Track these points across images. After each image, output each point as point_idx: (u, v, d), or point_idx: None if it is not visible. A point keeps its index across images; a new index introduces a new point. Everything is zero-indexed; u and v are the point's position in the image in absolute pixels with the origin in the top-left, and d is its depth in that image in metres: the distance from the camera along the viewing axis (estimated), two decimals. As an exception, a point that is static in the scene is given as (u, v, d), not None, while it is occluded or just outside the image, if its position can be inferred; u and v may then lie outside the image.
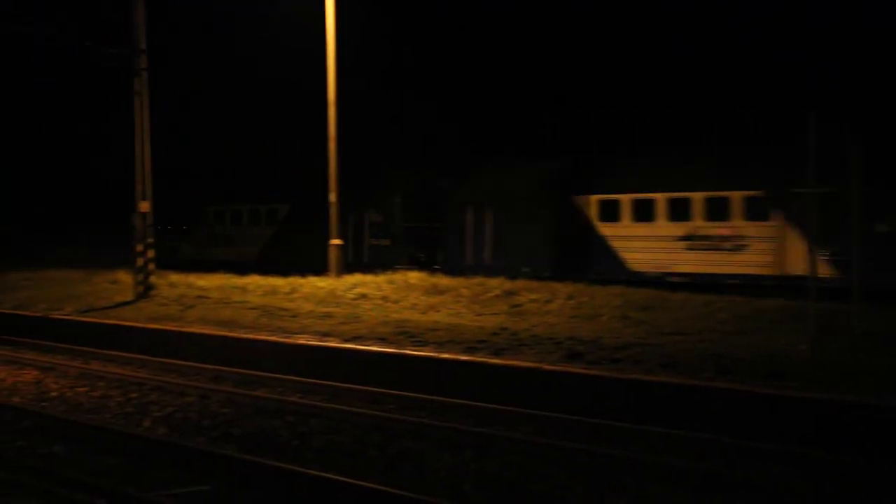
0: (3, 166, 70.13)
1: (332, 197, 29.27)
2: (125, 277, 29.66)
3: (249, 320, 22.18)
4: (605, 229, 30.75)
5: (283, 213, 40.73)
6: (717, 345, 16.54)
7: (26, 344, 23.22)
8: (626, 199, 30.41)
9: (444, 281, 26.33)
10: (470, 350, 17.21)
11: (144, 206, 27.10)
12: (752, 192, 27.91)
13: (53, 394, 17.13)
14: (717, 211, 28.54)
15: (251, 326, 21.50)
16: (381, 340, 18.63)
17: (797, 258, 25.90)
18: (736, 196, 28.25)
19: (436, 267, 32.84)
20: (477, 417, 14.48)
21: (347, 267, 30.83)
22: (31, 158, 71.84)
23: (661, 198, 29.63)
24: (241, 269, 34.58)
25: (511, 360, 16.15)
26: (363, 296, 24.74)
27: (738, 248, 28.09)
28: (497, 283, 25.18)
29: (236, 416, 15.03)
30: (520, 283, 25.11)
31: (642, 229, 29.96)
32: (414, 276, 27.13)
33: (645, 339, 17.52)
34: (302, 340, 19.35)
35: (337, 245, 29.16)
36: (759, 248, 27.67)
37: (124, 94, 27.89)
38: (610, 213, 30.78)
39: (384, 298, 24.28)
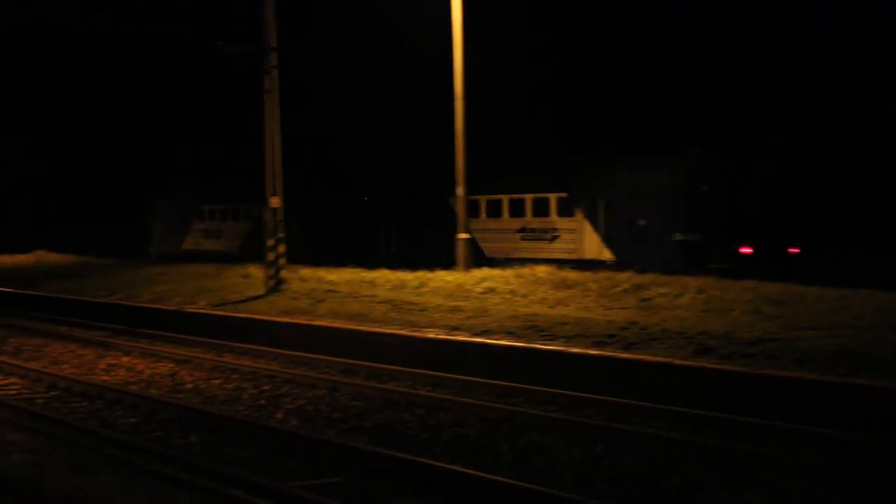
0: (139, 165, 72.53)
1: (460, 191, 29.26)
2: (256, 272, 30.11)
3: (379, 314, 22.33)
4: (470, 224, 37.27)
5: (255, 211, 43.97)
6: (853, 340, 16.08)
7: (162, 337, 23.70)
8: (482, 199, 37.99)
9: (572, 275, 26.13)
10: (599, 344, 17.08)
11: (275, 202, 27.46)
12: (562, 194, 36.11)
13: (188, 386, 17.49)
14: (540, 209, 36.72)
15: (380, 320, 21.65)
16: (510, 335, 18.60)
17: (591, 245, 35.06)
18: (552, 197, 36.30)
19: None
20: (607, 412, 14.35)
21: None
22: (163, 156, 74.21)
23: (505, 199, 37.92)
24: (227, 259, 41.76)
25: (641, 355, 15.99)
26: (491, 290, 24.68)
27: (553, 239, 36.11)
28: (626, 277, 24.90)
29: (366, 408, 15.15)
30: (649, 277, 24.81)
31: (493, 224, 38.18)
32: (542, 271, 26.96)
33: (778, 334, 17.12)
34: (431, 334, 19.42)
35: (464, 239, 29.13)
36: (567, 238, 35.72)
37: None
38: (473, 211, 35.95)
39: (512, 293, 24.19)
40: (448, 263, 29.61)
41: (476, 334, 18.93)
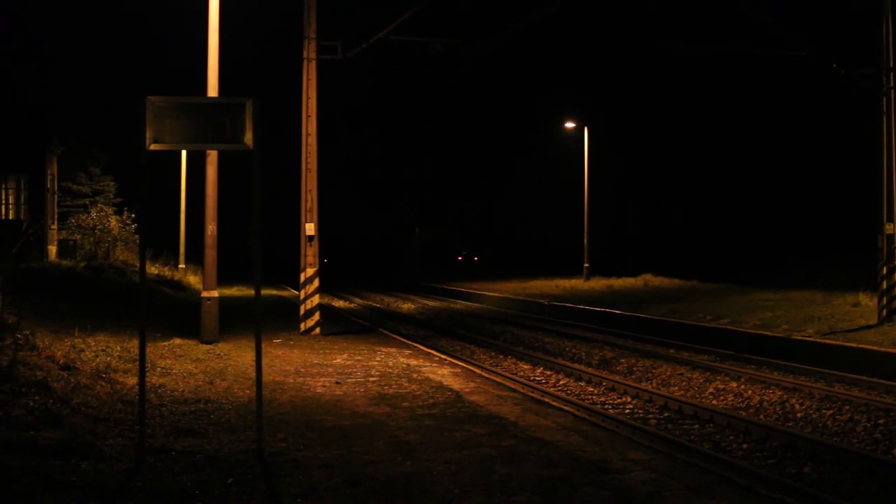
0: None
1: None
2: (867, 300, 29.12)
3: None
4: None
5: None
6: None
7: (768, 363, 23.48)
8: None
9: None
10: None
11: (890, 228, 26.43)
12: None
13: (798, 414, 17.22)
14: None
15: None
16: None
17: None
18: None
19: None
20: None
21: None
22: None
23: None
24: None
25: None
26: None
27: None
28: None
29: None
30: None
31: None
32: None
33: None
34: None
35: None
36: None
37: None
38: None
39: None
40: None
41: None
